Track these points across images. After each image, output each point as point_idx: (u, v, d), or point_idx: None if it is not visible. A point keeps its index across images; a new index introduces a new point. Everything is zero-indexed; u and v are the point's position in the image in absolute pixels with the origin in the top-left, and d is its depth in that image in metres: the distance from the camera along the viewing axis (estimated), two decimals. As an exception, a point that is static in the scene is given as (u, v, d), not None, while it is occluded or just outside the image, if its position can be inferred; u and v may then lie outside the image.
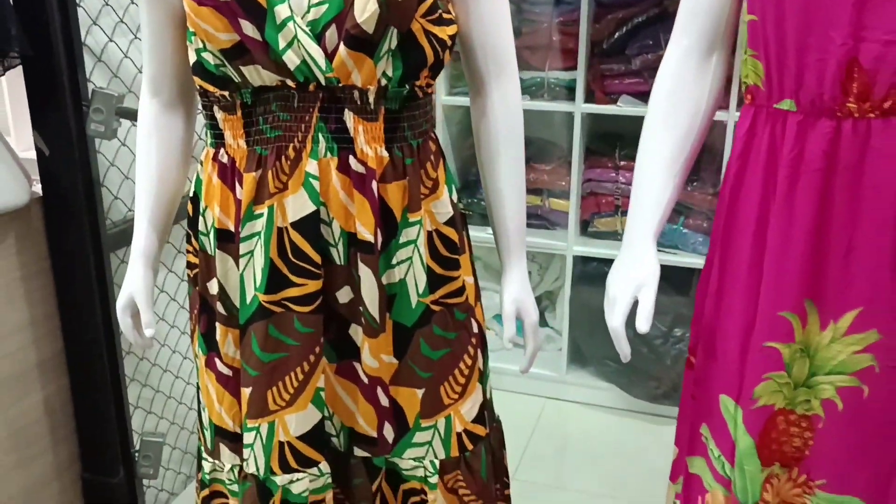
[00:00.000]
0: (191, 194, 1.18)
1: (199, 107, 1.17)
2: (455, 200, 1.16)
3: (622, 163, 2.40)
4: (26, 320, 1.63)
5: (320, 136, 1.05)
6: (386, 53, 1.02)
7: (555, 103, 2.35)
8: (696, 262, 2.28)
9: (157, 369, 1.97)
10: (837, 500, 1.02)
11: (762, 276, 1.01)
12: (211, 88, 1.07)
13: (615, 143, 2.43)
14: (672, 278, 2.33)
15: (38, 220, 1.64)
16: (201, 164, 1.15)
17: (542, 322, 2.72)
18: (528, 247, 2.45)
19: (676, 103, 1.09)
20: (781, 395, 1.02)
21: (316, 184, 1.06)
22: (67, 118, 1.56)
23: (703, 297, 1.13)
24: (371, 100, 1.04)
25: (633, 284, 1.08)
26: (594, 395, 2.53)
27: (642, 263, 1.09)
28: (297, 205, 1.06)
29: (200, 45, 1.05)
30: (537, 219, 2.54)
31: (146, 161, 1.22)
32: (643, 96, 2.30)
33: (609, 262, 2.39)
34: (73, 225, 1.64)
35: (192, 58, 1.07)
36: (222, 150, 1.11)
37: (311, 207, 1.06)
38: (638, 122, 2.36)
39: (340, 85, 1.03)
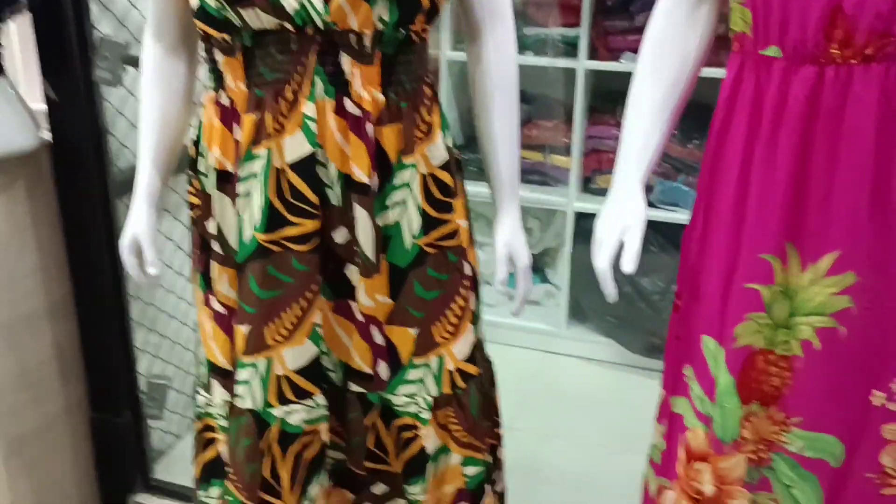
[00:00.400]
0: (193, 137, 1.21)
1: (202, 52, 1.19)
2: (450, 145, 1.19)
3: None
4: (36, 264, 1.68)
5: (318, 79, 1.08)
6: (381, -2, 1.04)
7: (558, 59, 2.36)
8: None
9: (164, 315, 2.02)
10: (812, 437, 1.06)
11: (745, 219, 1.04)
12: (212, 32, 1.10)
13: (617, 100, 2.41)
14: (671, 235, 2.36)
15: (47, 166, 1.68)
16: (203, 108, 1.18)
17: (543, 278, 2.75)
18: (530, 203, 2.51)
19: (664, 52, 1.11)
20: (761, 336, 1.05)
21: (313, 126, 1.09)
22: (75, 66, 1.59)
23: (688, 242, 1.16)
24: (367, 44, 1.07)
25: (619, 227, 1.12)
26: (593, 349, 2.57)
27: (629, 207, 1.12)
28: (295, 146, 1.09)
29: (202, -10, 1.07)
30: (539, 175, 2.56)
31: (149, 104, 1.25)
32: (646, 53, 2.31)
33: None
34: (82, 171, 1.68)
35: (195, 2, 1.09)
36: (223, 93, 1.13)
37: (308, 149, 1.09)
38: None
39: (338, 29, 1.05)
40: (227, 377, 1.22)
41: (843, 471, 1.07)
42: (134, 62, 1.61)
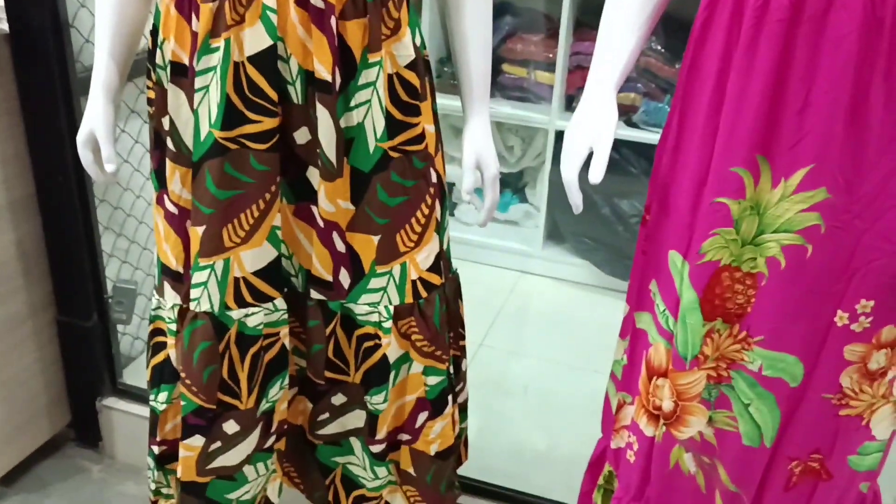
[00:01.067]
0: (150, 27, 1.16)
1: (158, -67, 1.13)
2: (418, 44, 1.14)
3: (612, 37, 2.33)
4: (-4, 160, 1.63)
5: (278, -34, 1.02)
6: None
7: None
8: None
9: (133, 220, 1.98)
10: (773, 357, 1.05)
11: (718, 131, 1.00)
12: None
13: (606, 15, 2.36)
14: (653, 157, 2.32)
15: (6, 58, 1.61)
16: (161, -5, 1.12)
17: (522, 198, 2.72)
18: (511, 120, 2.45)
19: None
20: (728, 252, 1.03)
21: (273, 17, 1.03)
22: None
23: (661, 155, 1.13)
24: None
25: (589, 135, 1.08)
26: (568, 270, 2.56)
27: (599, 114, 1.08)
28: (254, 38, 1.04)
29: None
30: (521, 91, 2.50)
31: None
32: (638, -34, 2.22)
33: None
34: (42, 66, 1.61)
35: None
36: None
37: (268, 42, 1.04)
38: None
39: None
40: (178, 280, 1.19)
41: (801, 391, 1.06)
42: (95, -50, 1.53)
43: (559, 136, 2.43)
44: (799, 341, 1.04)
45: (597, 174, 1.05)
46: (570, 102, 2.45)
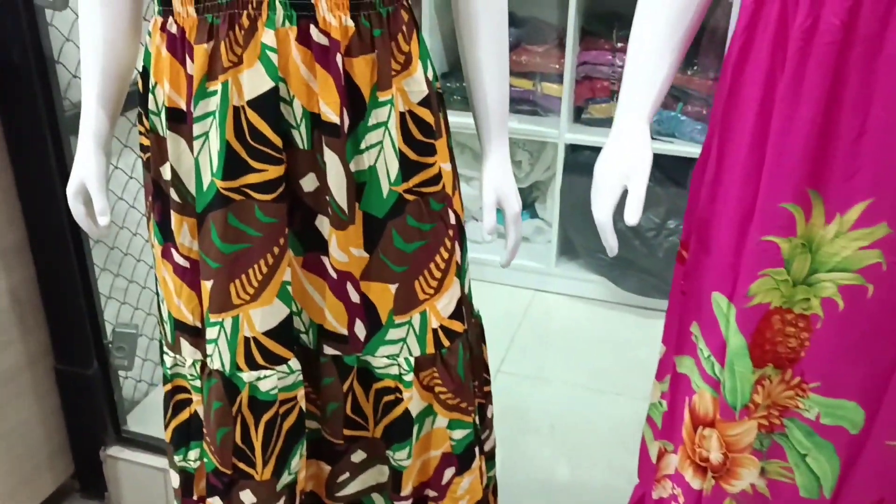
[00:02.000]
0: (140, 68, 1.07)
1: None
2: (431, 78, 1.05)
3: (619, 45, 2.26)
4: (-16, 207, 1.55)
5: (277, 2, 0.94)
6: None
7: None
8: (694, 150, 2.18)
9: (130, 259, 1.90)
10: (831, 404, 0.97)
11: (763, 163, 0.92)
12: (154, -53, 0.95)
13: (613, 22, 2.28)
14: (667, 168, 2.24)
15: (-10, 99, 1.53)
16: (150, 35, 1.04)
17: (532, 213, 2.64)
18: (518, 134, 2.37)
19: None
20: (778, 293, 0.94)
21: (274, 57, 0.95)
22: (9, -15, 1.42)
23: (698, 186, 1.04)
24: None
25: (622, 172, 0.99)
26: (583, 287, 2.48)
27: (633, 149, 1.00)
28: (254, 81, 0.96)
29: None
30: (528, 104, 2.41)
31: (91, 30, 1.10)
32: (644, -29, 2.14)
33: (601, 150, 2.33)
34: (28, 105, 1.52)
35: (131, -89, 0.94)
36: (171, 19, 0.99)
37: (269, 84, 0.96)
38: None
39: None
40: (196, 335, 1.11)
41: (862, 438, 0.98)
42: (79, -17, 1.45)
43: (569, 149, 2.35)
44: (859, 386, 0.96)
45: (633, 216, 0.96)
46: (580, 114, 2.37)
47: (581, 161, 2.38)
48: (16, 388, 1.66)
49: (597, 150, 2.29)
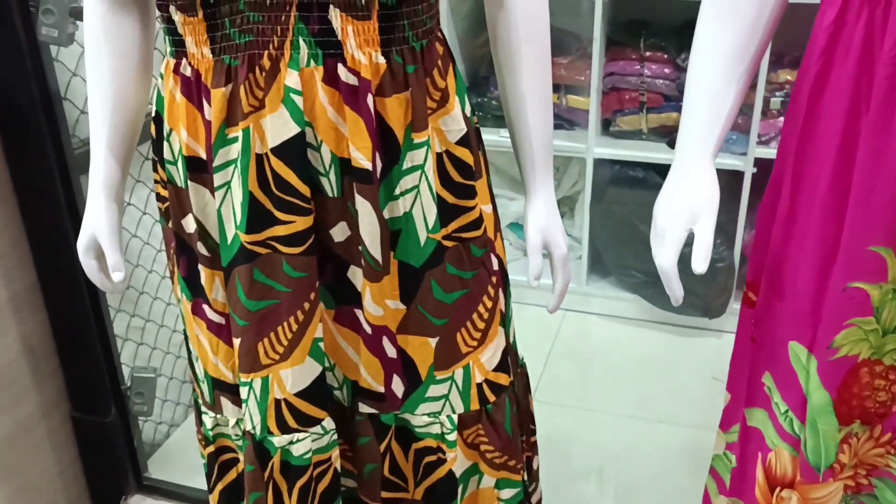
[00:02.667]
0: (153, 113, 0.99)
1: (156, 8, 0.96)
2: (469, 114, 0.96)
3: (647, 53, 2.16)
4: (-8, 253, 1.47)
5: (301, 40, 0.85)
6: (378, -69, 0.81)
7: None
8: (730, 162, 2.08)
9: (146, 297, 1.82)
10: (926, 461, 0.87)
11: (847, 201, 0.82)
12: (165, -16, 0.86)
13: (639, 31, 2.18)
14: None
15: (-5, 140, 1.45)
16: (162, 78, 0.96)
17: (560, 229, 2.53)
18: (545, 149, 2.26)
19: None
20: (867, 344, 0.85)
21: (298, 100, 0.86)
22: (13, 22, 1.34)
23: (767, 222, 0.95)
24: None
25: (688, 214, 0.90)
26: (616, 306, 2.38)
27: (698, 189, 0.90)
28: (278, 126, 0.87)
29: (148, -71, 0.83)
30: (554, 118, 2.31)
31: (98, 74, 1.02)
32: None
33: (632, 165, 2.24)
34: (35, 146, 1.45)
35: (139, -55, 0.86)
36: (184, 61, 0.91)
37: (295, 129, 0.87)
38: (667, 5, 2.13)
39: None
40: (237, 393, 1.03)
41: (962, 499, 0.88)
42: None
43: (597, 163, 2.25)
44: (958, 443, 0.86)
45: (702, 263, 0.87)
46: (608, 126, 2.27)
47: (610, 174, 2.29)
48: (32, 439, 1.59)
49: (626, 164, 2.24)
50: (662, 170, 2.19)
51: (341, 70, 0.86)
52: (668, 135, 2.21)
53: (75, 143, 1.51)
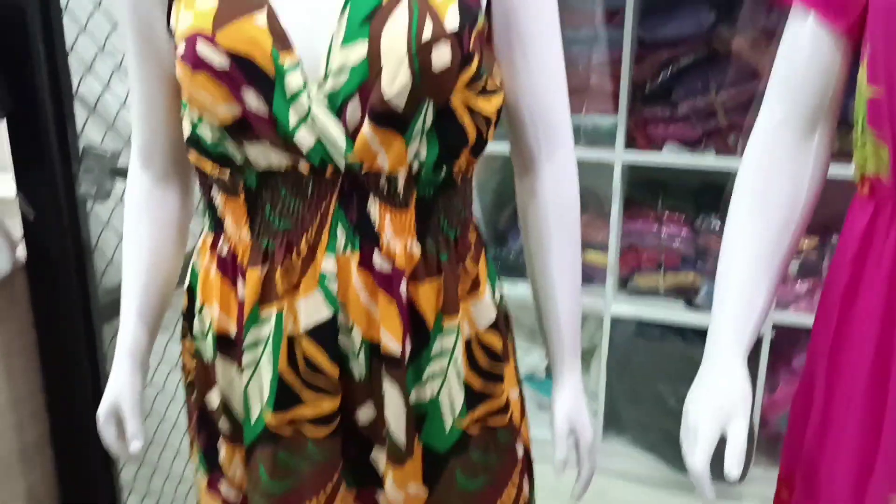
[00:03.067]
0: (186, 284, 1.00)
1: (197, 183, 0.99)
2: (499, 300, 0.97)
3: (665, 214, 2.20)
4: (8, 401, 1.46)
5: (339, 227, 0.87)
6: (419, 132, 0.84)
7: (592, 149, 2.16)
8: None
9: (155, 447, 1.78)
10: None
11: (886, 408, 0.81)
12: (209, 167, 0.89)
13: (657, 191, 2.24)
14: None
15: (23, 289, 1.47)
16: (198, 252, 0.97)
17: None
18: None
19: (771, 187, 0.89)
20: (909, 559, 0.81)
21: (333, 284, 0.87)
22: (55, 178, 1.39)
23: (801, 417, 0.93)
24: (400, 186, 0.86)
25: (720, 414, 0.88)
26: (634, 465, 2.32)
27: (730, 387, 0.89)
28: (311, 309, 0.88)
29: (196, 118, 0.87)
30: (571, 273, 2.34)
31: (136, 245, 1.04)
32: (691, 143, 2.12)
33: (649, 325, 2.24)
34: (62, 295, 1.46)
35: (187, 130, 0.89)
36: (222, 239, 0.92)
37: (327, 312, 0.88)
38: (684, 170, 2.18)
39: (363, 170, 0.84)
40: None
41: None
42: (124, 174, 1.41)
43: (615, 321, 2.25)
44: None
45: (735, 467, 0.85)
46: (625, 284, 2.29)
47: (627, 332, 2.29)
48: None
49: (643, 324, 2.24)
50: (682, 330, 2.19)
51: (376, 257, 0.87)
52: (685, 294, 2.22)
53: (101, 293, 1.53)
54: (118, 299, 1.29)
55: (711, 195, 2.18)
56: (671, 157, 2.10)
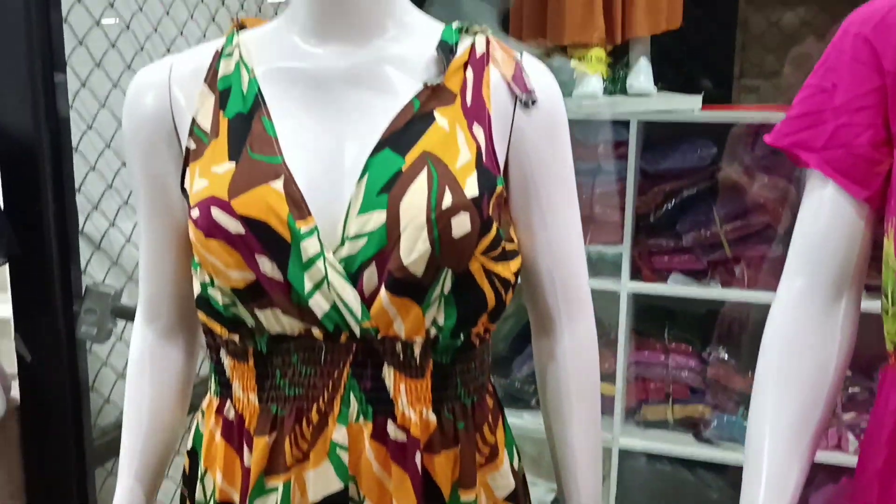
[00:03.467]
0: (188, 446, 0.96)
1: (204, 342, 0.96)
2: (517, 467, 0.93)
3: (672, 345, 2.17)
4: (-9, 552, 1.39)
5: (352, 396, 0.83)
6: (437, 299, 0.82)
7: (598, 280, 2.14)
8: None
9: None
10: None
11: None
12: (218, 329, 0.86)
13: (664, 321, 2.21)
14: (732, 477, 2.06)
15: (14, 432, 1.42)
16: (203, 414, 0.93)
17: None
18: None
19: (798, 363, 0.86)
20: None
21: (344, 455, 0.83)
22: (56, 320, 1.36)
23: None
24: (417, 353, 0.83)
25: None
26: None
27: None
28: (321, 481, 0.83)
29: (207, 280, 0.85)
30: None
31: (136, 405, 1.00)
32: (696, 274, 2.11)
33: (659, 458, 2.17)
34: (55, 439, 1.42)
35: (197, 290, 0.87)
36: (228, 403, 0.89)
37: (338, 484, 0.84)
38: (689, 301, 2.16)
39: (379, 336, 0.82)
40: None
41: None
42: (127, 314, 1.39)
43: (623, 455, 2.19)
44: None
45: None
46: (632, 415, 2.23)
47: (635, 465, 2.21)
48: None
49: (653, 457, 2.17)
50: (693, 464, 2.12)
51: (391, 427, 0.84)
52: (694, 427, 2.16)
53: (96, 433, 1.48)
54: (113, 440, 1.24)
55: (718, 325, 2.15)
56: (677, 287, 2.09)
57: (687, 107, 2.02)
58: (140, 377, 1.00)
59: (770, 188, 2.00)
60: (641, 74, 2.09)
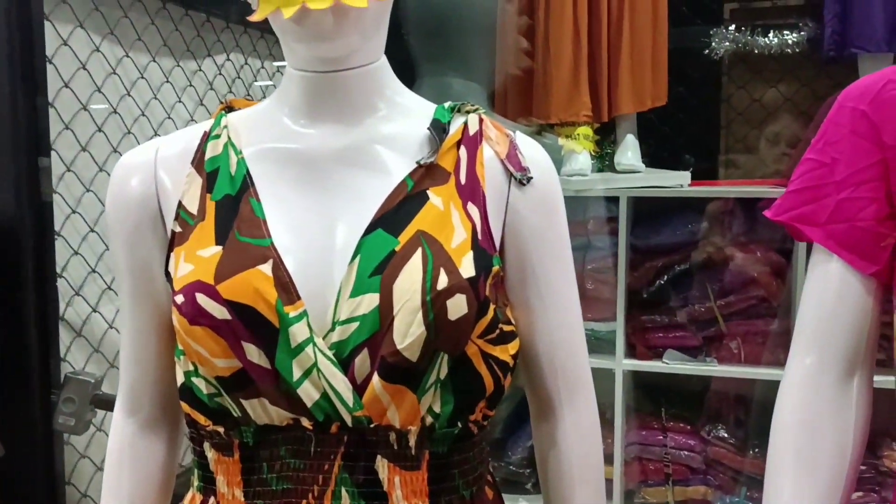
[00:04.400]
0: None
1: (187, 434, 0.91)
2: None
3: (670, 423, 2.12)
4: None
5: (343, 490, 0.78)
6: (433, 385, 0.78)
7: (592, 358, 2.09)
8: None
9: None
10: None
11: None
12: (202, 420, 0.82)
13: (660, 399, 2.17)
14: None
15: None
16: (185, 511, 0.88)
17: None
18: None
19: (816, 443, 0.82)
20: None
21: (336, 558, 0.78)
22: (33, 410, 1.30)
23: None
24: (412, 443, 0.79)
25: None
26: None
27: None
28: None
29: (191, 368, 0.81)
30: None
31: (115, 495, 0.94)
32: (691, 350, 2.07)
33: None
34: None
35: (180, 379, 0.83)
36: (213, 500, 0.84)
37: None
38: (686, 377, 2.12)
39: (372, 426, 0.78)
40: None
41: None
42: (107, 404, 1.33)
43: (624, 539, 2.11)
44: None
45: None
46: (632, 497, 2.16)
47: (637, 550, 2.13)
48: None
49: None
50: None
51: (385, 524, 0.79)
52: (696, 509, 2.10)
53: (71, 532, 1.41)
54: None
55: (716, 402, 2.11)
56: (674, 365, 2.05)
57: (676, 183, 2.02)
58: (119, 470, 0.94)
59: (762, 262, 1.99)
60: (629, 151, 2.10)
